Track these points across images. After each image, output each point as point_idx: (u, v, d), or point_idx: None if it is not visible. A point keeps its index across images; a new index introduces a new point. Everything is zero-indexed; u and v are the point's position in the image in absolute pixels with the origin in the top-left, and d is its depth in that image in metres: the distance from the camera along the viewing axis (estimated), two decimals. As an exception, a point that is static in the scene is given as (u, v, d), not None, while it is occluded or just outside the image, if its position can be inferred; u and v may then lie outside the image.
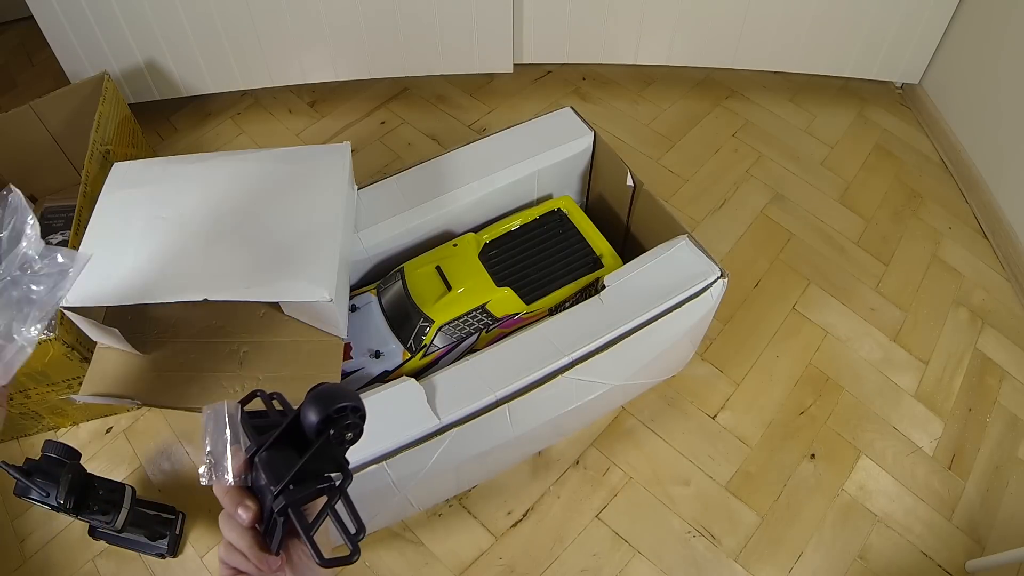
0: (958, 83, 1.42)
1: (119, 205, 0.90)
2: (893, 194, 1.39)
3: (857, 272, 1.28)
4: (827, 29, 1.42)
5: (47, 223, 1.30)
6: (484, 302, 0.95)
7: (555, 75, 1.62)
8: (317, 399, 0.41)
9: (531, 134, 1.07)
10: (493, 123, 1.53)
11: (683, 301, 0.89)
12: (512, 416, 0.83)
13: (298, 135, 1.52)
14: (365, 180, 1.01)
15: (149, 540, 0.98)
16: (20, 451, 1.10)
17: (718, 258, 0.93)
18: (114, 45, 1.36)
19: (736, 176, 1.42)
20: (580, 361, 0.84)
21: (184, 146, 1.51)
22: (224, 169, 0.94)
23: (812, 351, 1.18)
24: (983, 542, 1.00)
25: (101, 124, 1.17)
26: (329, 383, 0.43)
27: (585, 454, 1.08)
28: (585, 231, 1.05)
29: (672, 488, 1.04)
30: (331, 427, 0.41)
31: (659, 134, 1.50)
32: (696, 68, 1.60)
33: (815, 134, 1.50)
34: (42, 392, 1.00)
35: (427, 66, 1.50)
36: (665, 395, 1.13)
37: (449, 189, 1.01)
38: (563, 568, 0.98)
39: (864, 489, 1.04)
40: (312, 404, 0.41)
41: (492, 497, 1.04)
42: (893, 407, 1.12)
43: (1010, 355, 1.18)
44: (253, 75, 1.48)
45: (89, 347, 0.92)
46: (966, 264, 1.29)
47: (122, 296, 0.80)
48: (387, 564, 0.98)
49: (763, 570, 0.97)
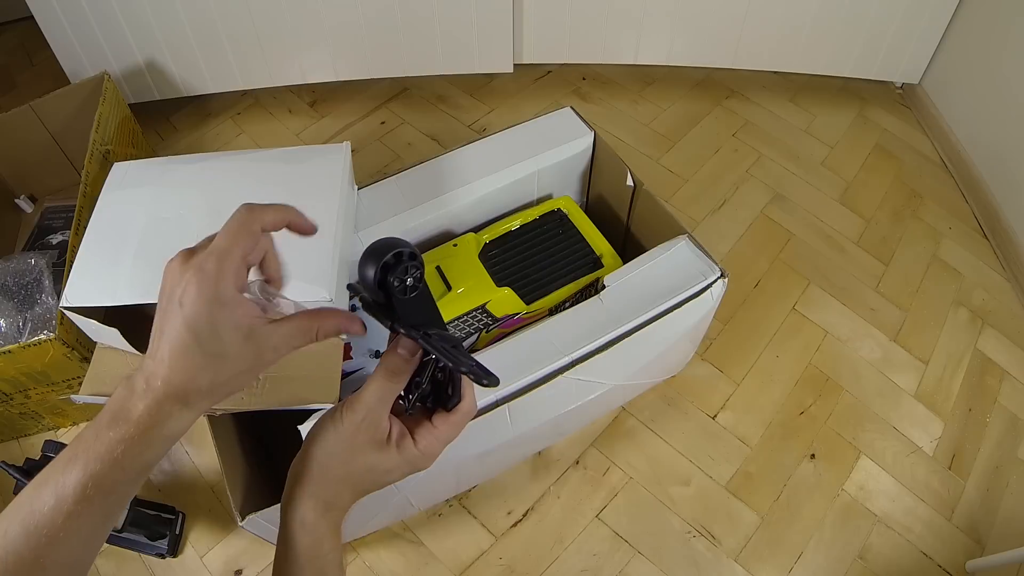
0: (958, 83, 1.42)
1: (119, 205, 0.90)
2: (893, 194, 1.39)
3: (857, 272, 1.28)
4: (827, 29, 1.42)
5: (47, 223, 1.30)
6: (484, 302, 0.95)
7: (555, 75, 1.62)
8: (369, 256, 0.40)
9: (531, 134, 1.07)
10: (493, 123, 1.53)
11: (683, 301, 0.89)
12: (512, 416, 0.83)
13: (298, 135, 1.52)
14: (365, 180, 1.01)
15: (149, 540, 0.98)
16: (20, 451, 1.10)
17: (718, 258, 0.93)
18: (114, 45, 1.36)
19: (736, 176, 1.42)
20: (580, 361, 0.84)
21: (184, 146, 1.51)
22: (224, 169, 0.94)
23: (812, 351, 1.18)
24: (983, 542, 1.00)
25: (101, 124, 1.17)
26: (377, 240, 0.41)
27: (585, 454, 1.07)
28: (585, 231, 1.05)
29: (672, 488, 1.04)
30: (391, 276, 0.40)
31: (659, 134, 1.50)
32: (696, 68, 1.60)
33: (815, 134, 1.50)
34: (42, 392, 1.00)
35: (427, 66, 1.50)
36: (665, 395, 1.13)
37: (449, 189, 1.01)
38: (563, 568, 0.98)
39: (864, 489, 1.04)
40: (365, 262, 0.40)
41: (492, 497, 1.04)
42: (893, 407, 1.12)
43: (1010, 355, 1.18)
44: (253, 75, 1.48)
45: (89, 347, 0.92)
46: (966, 264, 1.29)
47: (122, 296, 0.80)
48: (387, 564, 0.98)
49: (763, 570, 0.97)
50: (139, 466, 0.36)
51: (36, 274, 1.06)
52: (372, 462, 0.41)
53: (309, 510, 0.40)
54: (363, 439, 0.40)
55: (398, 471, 0.42)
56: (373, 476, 0.42)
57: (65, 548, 0.34)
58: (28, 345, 0.90)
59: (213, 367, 0.36)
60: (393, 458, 0.41)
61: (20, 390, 0.98)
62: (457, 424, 0.43)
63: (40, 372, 0.95)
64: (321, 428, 0.41)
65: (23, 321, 1.02)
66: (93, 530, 0.35)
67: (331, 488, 0.41)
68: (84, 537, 0.35)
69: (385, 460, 0.41)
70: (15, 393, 0.99)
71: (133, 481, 0.36)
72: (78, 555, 0.35)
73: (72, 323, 0.85)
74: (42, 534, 0.33)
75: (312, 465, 0.41)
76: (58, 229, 1.27)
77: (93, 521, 0.35)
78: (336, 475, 0.41)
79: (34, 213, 1.35)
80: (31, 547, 0.33)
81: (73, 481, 0.34)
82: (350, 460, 0.40)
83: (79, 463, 0.34)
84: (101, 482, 0.34)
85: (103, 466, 0.34)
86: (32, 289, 1.05)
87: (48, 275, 1.06)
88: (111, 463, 0.34)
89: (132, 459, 0.35)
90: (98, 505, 0.34)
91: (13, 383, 0.96)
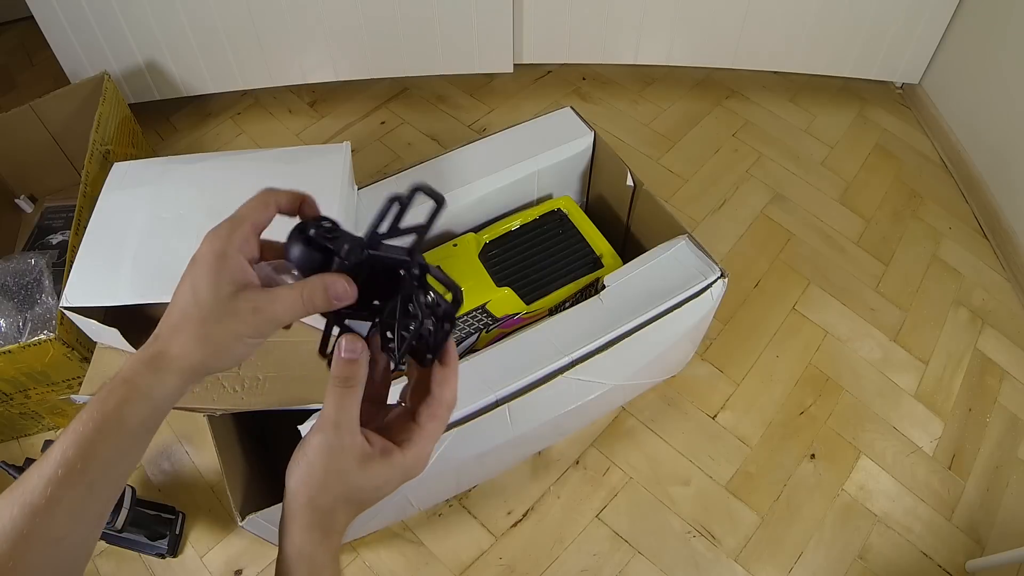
0: (958, 83, 1.42)
1: (119, 205, 0.90)
2: (893, 194, 1.39)
3: (857, 272, 1.28)
4: (827, 29, 1.42)
5: (47, 223, 1.30)
6: (484, 302, 0.95)
7: (555, 75, 1.62)
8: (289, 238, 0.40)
9: (531, 134, 1.07)
10: (493, 123, 1.53)
11: (683, 301, 0.89)
12: (512, 416, 0.83)
13: (298, 135, 1.52)
14: (365, 180, 1.01)
15: (149, 540, 0.98)
16: (20, 451, 1.10)
17: (718, 258, 0.93)
18: (114, 45, 1.36)
19: (736, 176, 1.42)
20: (580, 361, 0.84)
21: (184, 146, 1.51)
22: (224, 169, 0.94)
23: (812, 351, 1.18)
24: (983, 542, 1.00)
25: (101, 124, 1.17)
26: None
27: (585, 454, 1.07)
28: (585, 231, 1.05)
29: (672, 488, 1.04)
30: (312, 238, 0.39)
31: (659, 134, 1.50)
32: (696, 68, 1.60)
33: (815, 134, 1.50)
34: (42, 392, 1.00)
35: (427, 66, 1.50)
36: (665, 395, 1.13)
37: (449, 189, 1.01)
38: (563, 568, 0.98)
39: (864, 489, 1.04)
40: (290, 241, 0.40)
41: (492, 497, 1.04)
42: (893, 407, 1.12)
43: (1010, 355, 1.18)
44: (253, 75, 1.48)
45: (89, 347, 0.92)
46: (966, 264, 1.29)
47: (122, 296, 0.80)
48: (387, 564, 0.98)
49: (763, 570, 0.97)
50: (122, 432, 0.35)
51: (36, 274, 1.06)
52: (359, 482, 0.39)
53: (307, 543, 0.39)
54: (343, 463, 0.38)
55: (391, 484, 0.40)
56: (363, 495, 0.40)
57: (50, 521, 0.34)
58: (28, 345, 0.90)
59: (206, 326, 0.36)
60: (382, 471, 0.40)
61: (20, 390, 0.98)
62: (442, 418, 0.42)
63: (40, 372, 0.95)
64: (296, 464, 0.40)
65: (23, 321, 1.02)
66: (80, 502, 0.35)
67: (325, 517, 0.39)
68: (69, 510, 0.34)
69: (373, 476, 0.39)
70: (15, 393, 0.99)
71: (116, 448, 0.35)
72: (65, 531, 0.35)
73: (72, 323, 0.86)
74: (27, 504, 0.33)
75: (299, 500, 0.39)
76: (58, 229, 1.27)
77: (77, 492, 0.34)
78: (325, 505, 0.39)
79: (34, 213, 1.35)
80: (17, 519, 0.33)
81: (56, 450, 0.34)
82: (335, 486, 0.39)
83: (66, 435, 0.34)
84: (81, 446, 0.34)
85: (83, 430, 0.34)
86: (32, 289, 1.05)
87: (48, 275, 1.06)
88: (92, 427, 0.34)
89: (113, 423, 0.35)
90: (79, 473, 0.34)
91: (13, 383, 0.96)
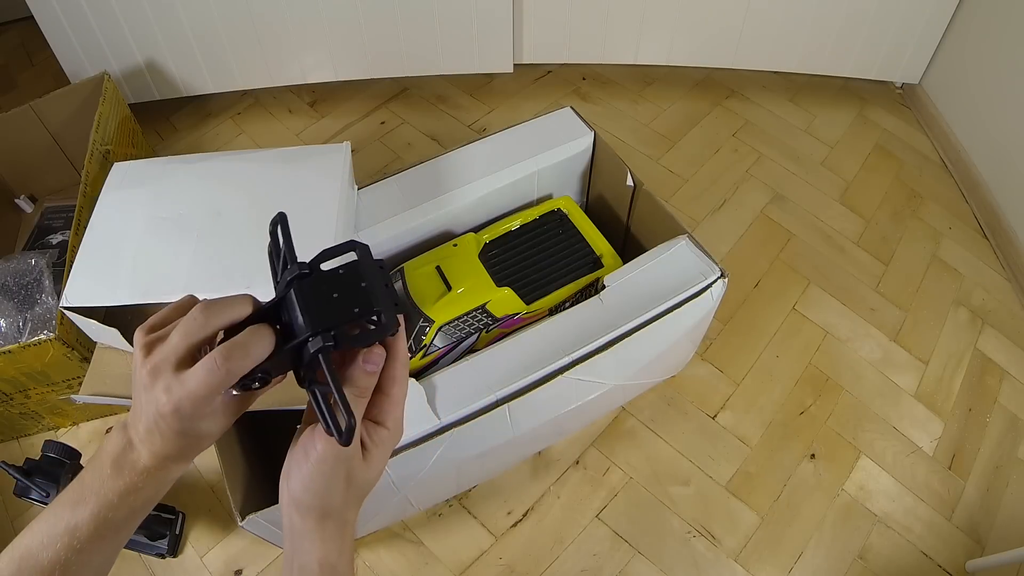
0: (958, 83, 1.42)
1: (119, 205, 0.90)
2: (893, 194, 1.39)
3: (857, 272, 1.28)
4: (827, 29, 1.43)
5: (47, 223, 1.30)
6: (484, 302, 0.95)
7: (555, 75, 1.62)
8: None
9: (531, 134, 1.07)
10: (493, 123, 1.53)
11: (683, 301, 0.89)
12: (512, 416, 0.83)
13: (298, 135, 1.52)
14: (365, 180, 1.01)
15: (149, 540, 0.98)
16: (20, 451, 1.10)
17: (718, 258, 0.93)
18: (114, 45, 1.36)
19: (736, 176, 1.42)
20: (580, 361, 0.84)
21: (184, 146, 1.51)
22: (224, 169, 0.94)
23: (812, 351, 1.18)
24: (983, 542, 1.00)
25: (101, 124, 1.17)
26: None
27: (585, 454, 1.07)
28: (585, 231, 1.05)
29: (672, 488, 1.04)
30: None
31: (659, 134, 1.50)
32: (696, 68, 1.60)
33: (815, 134, 1.50)
34: (42, 392, 1.00)
35: (427, 66, 1.50)
36: (665, 395, 1.13)
37: (449, 189, 1.01)
38: (563, 568, 0.98)
39: (864, 489, 1.04)
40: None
41: (492, 497, 1.04)
42: (893, 407, 1.12)
43: (1010, 355, 1.18)
44: (253, 75, 1.48)
45: (89, 347, 0.92)
46: (966, 264, 1.29)
47: (122, 296, 0.80)
48: (387, 564, 0.98)
49: (763, 570, 0.97)
50: (145, 504, 0.41)
51: (36, 274, 1.06)
52: (365, 476, 0.42)
53: (332, 553, 0.41)
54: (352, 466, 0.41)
55: (384, 461, 0.43)
56: (368, 486, 0.43)
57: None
58: (28, 345, 0.90)
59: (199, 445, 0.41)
60: (379, 455, 0.42)
61: (20, 390, 0.98)
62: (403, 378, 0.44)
63: (40, 372, 0.95)
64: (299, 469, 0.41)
65: (23, 321, 1.02)
66: (104, 561, 0.41)
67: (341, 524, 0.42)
68: (95, 569, 0.40)
69: (375, 464, 0.42)
70: (15, 393, 0.99)
71: (139, 516, 0.41)
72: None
73: (72, 323, 0.85)
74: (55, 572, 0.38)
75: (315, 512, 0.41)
76: (58, 229, 1.27)
77: (104, 556, 0.40)
78: (341, 511, 0.42)
79: (34, 213, 1.35)
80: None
81: (86, 522, 0.38)
82: (349, 490, 0.41)
83: (89, 506, 0.39)
84: (113, 521, 0.39)
85: (114, 508, 0.39)
86: (32, 289, 1.05)
87: (48, 275, 1.06)
88: (122, 506, 0.39)
89: (140, 501, 0.40)
90: (109, 540, 0.40)
91: (13, 383, 0.96)
